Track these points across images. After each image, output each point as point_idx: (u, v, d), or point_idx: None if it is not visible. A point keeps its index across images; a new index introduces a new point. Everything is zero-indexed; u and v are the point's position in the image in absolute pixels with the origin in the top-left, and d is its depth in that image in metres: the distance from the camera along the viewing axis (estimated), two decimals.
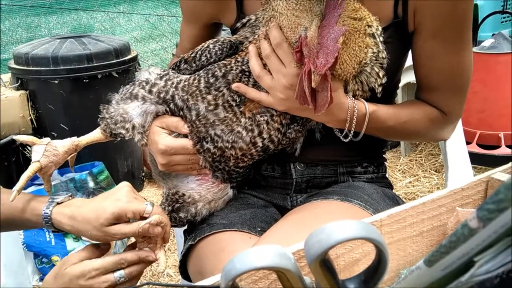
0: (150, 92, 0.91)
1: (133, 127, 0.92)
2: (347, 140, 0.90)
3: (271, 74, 0.84)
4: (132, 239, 0.95)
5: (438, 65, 0.91)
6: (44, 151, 0.92)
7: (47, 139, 0.94)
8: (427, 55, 0.91)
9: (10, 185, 2.32)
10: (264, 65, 0.86)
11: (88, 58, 2.33)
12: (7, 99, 2.31)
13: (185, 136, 0.91)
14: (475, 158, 2.48)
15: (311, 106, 0.78)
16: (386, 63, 0.84)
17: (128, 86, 0.94)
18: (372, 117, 0.88)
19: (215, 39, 0.92)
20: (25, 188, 2.11)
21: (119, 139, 0.96)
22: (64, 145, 0.95)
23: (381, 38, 0.83)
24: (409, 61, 0.99)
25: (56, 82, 2.30)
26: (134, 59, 2.56)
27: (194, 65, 0.92)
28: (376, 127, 0.90)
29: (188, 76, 0.91)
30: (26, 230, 1.97)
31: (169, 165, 0.93)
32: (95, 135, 0.98)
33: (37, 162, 0.91)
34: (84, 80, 2.33)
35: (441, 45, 0.89)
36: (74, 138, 0.97)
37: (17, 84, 2.37)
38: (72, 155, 0.98)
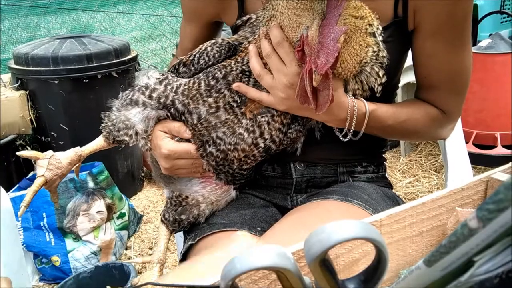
0: (150, 97, 0.91)
1: (136, 133, 0.92)
2: (347, 139, 0.91)
3: (272, 74, 0.84)
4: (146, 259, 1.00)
5: (438, 64, 0.92)
6: (48, 164, 0.92)
7: (50, 152, 0.94)
8: (427, 54, 0.91)
9: (10, 185, 2.32)
10: (265, 65, 0.85)
11: (88, 58, 2.33)
12: (7, 99, 2.31)
13: (188, 140, 0.91)
14: (471, 158, 2.48)
15: (313, 105, 0.78)
16: (386, 62, 0.84)
17: (127, 92, 0.94)
18: (372, 116, 0.88)
19: (213, 41, 0.92)
20: (25, 187, 2.10)
21: (123, 145, 0.96)
22: (67, 157, 0.95)
23: (381, 37, 0.83)
24: (409, 61, 0.99)
25: (56, 82, 2.30)
26: (134, 59, 2.56)
27: (192, 68, 0.92)
28: (375, 126, 0.90)
29: (188, 80, 0.91)
30: (25, 230, 1.97)
31: (172, 169, 0.94)
32: (98, 143, 0.98)
33: (42, 176, 0.92)
34: (84, 80, 2.33)
35: (440, 44, 0.89)
36: (77, 149, 0.97)
37: (17, 84, 2.37)
38: (77, 165, 0.98)
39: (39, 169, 0.93)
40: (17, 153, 0.97)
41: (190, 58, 0.93)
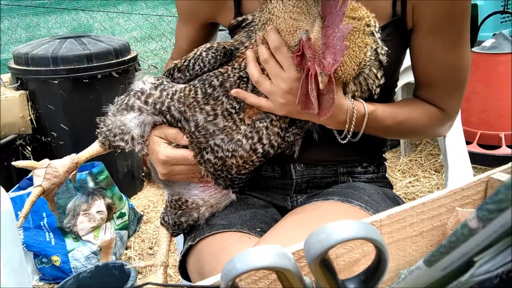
0: (146, 103, 0.89)
1: (132, 138, 0.92)
2: (345, 141, 0.90)
3: (270, 79, 0.84)
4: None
5: (436, 62, 0.92)
6: (45, 174, 0.92)
7: (47, 161, 0.94)
8: (426, 51, 0.92)
9: (10, 185, 2.32)
10: (262, 70, 0.85)
11: (88, 58, 2.33)
12: (7, 99, 2.31)
13: (185, 146, 0.90)
14: (475, 158, 2.49)
15: (316, 110, 0.77)
16: (386, 60, 0.84)
17: (123, 97, 0.93)
18: (371, 117, 0.88)
19: (208, 46, 0.90)
20: (25, 187, 2.09)
21: (119, 150, 0.95)
22: (64, 165, 0.94)
23: (379, 35, 0.83)
24: (408, 61, 0.99)
25: (56, 82, 2.30)
26: (134, 59, 2.56)
27: (187, 74, 0.91)
28: (374, 126, 0.90)
29: (183, 86, 0.89)
30: (25, 230, 1.97)
31: (170, 175, 0.93)
32: (94, 148, 0.97)
33: (39, 186, 0.91)
34: (84, 80, 2.33)
35: (439, 41, 0.89)
36: (73, 156, 0.96)
37: (17, 84, 2.37)
38: (73, 172, 0.98)
39: (36, 178, 0.92)
40: (13, 163, 0.96)
41: (185, 63, 0.91)
